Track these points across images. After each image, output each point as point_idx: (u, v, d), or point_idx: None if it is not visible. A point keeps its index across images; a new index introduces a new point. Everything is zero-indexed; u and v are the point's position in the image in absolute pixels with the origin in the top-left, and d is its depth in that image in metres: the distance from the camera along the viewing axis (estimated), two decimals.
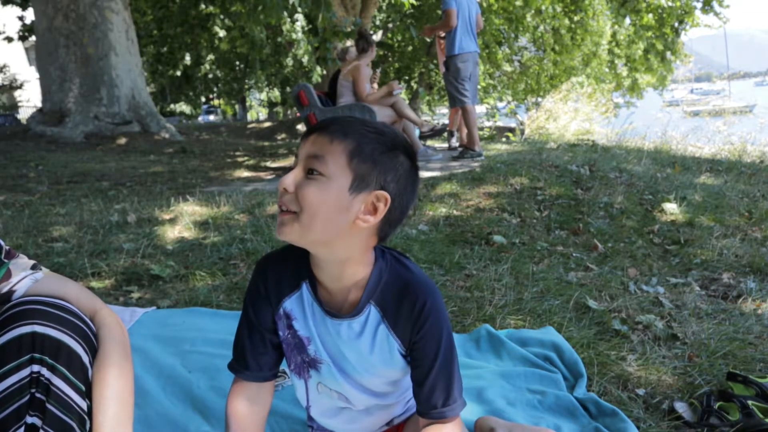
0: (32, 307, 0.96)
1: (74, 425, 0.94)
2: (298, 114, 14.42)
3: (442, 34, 5.57)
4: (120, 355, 1.03)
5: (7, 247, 1.07)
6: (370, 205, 0.91)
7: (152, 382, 1.59)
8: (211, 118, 31.21)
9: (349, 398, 1.08)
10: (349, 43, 8.73)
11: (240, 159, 7.58)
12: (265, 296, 1.03)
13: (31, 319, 0.94)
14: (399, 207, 0.93)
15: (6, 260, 1.05)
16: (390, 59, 17.02)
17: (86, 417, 0.96)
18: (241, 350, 1.06)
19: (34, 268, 1.08)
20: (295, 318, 1.04)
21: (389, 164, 0.91)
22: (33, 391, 0.92)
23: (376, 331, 1.00)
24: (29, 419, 0.91)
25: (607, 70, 15.08)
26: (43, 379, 0.92)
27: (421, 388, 1.01)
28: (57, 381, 0.93)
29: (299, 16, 10.53)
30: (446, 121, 8.78)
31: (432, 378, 0.99)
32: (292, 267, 1.03)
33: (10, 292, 1.03)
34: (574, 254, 2.76)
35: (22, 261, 1.08)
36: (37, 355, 0.92)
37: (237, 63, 18.68)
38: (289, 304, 1.04)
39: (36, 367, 0.92)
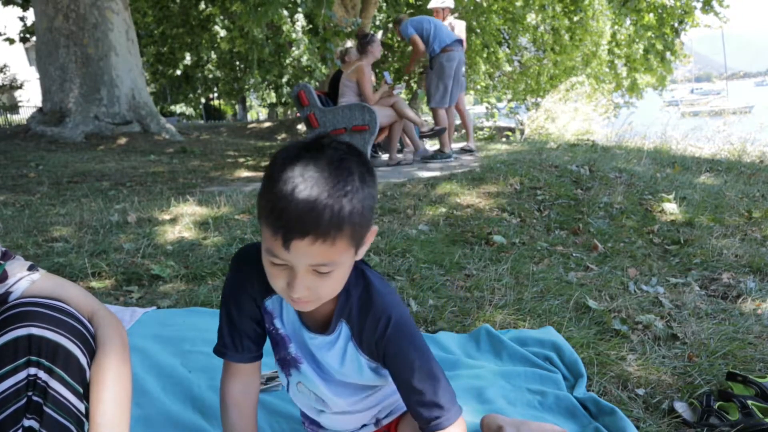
0: (29, 309, 0.95)
1: (72, 427, 0.93)
2: (298, 114, 14.40)
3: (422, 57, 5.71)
4: (118, 356, 1.02)
5: (4, 249, 1.06)
6: (366, 244, 0.94)
7: (152, 381, 1.59)
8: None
9: (325, 401, 1.11)
10: (350, 43, 8.74)
11: (240, 159, 7.58)
12: (248, 291, 1.05)
13: (27, 322, 0.93)
14: None
15: (2, 261, 1.05)
16: (390, 59, 17.01)
17: (84, 419, 0.96)
18: (223, 337, 1.10)
19: (30, 269, 1.07)
20: (276, 317, 1.07)
21: (372, 202, 0.90)
22: (30, 394, 0.91)
23: (346, 348, 1.04)
24: (26, 422, 0.90)
25: (607, 70, 15.08)
26: (40, 381, 0.92)
27: (408, 404, 1.01)
28: (54, 384, 0.93)
29: (299, 16, 10.53)
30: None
31: (416, 395, 0.99)
32: None
33: (7, 294, 1.02)
34: (574, 254, 2.76)
35: (19, 262, 1.07)
36: (33, 358, 0.92)
37: (237, 63, 18.68)
38: (270, 303, 1.07)
39: (33, 370, 0.92)
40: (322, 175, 0.83)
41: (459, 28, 5.97)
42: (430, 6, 6.30)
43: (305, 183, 0.82)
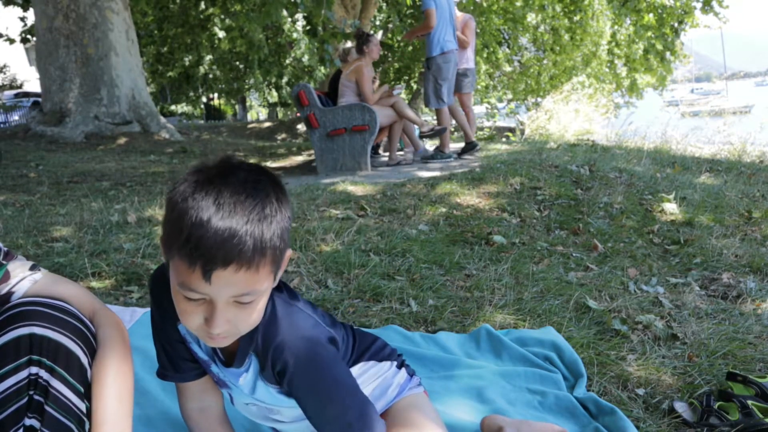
0: (31, 308, 0.95)
1: (73, 427, 0.93)
2: (298, 114, 14.42)
3: None
4: (119, 355, 1.02)
5: (6, 249, 1.07)
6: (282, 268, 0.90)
7: (153, 381, 1.59)
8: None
9: (278, 410, 1.07)
10: (350, 43, 8.74)
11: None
12: (169, 315, 0.97)
13: (29, 321, 0.93)
14: None
15: (4, 262, 1.05)
16: (390, 59, 17.02)
17: (85, 418, 0.96)
18: (161, 359, 1.07)
19: (32, 269, 1.07)
20: (191, 341, 1.04)
21: (288, 224, 0.86)
22: (31, 393, 0.91)
23: (256, 381, 1.00)
24: (27, 421, 0.90)
25: (606, 70, 15.10)
26: (41, 381, 0.92)
27: None
28: (55, 383, 0.93)
29: (299, 16, 10.54)
30: None
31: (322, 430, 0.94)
32: None
33: (9, 294, 1.03)
34: (574, 254, 2.76)
35: (21, 262, 1.07)
36: (35, 357, 0.92)
37: (237, 63, 18.71)
38: (183, 328, 1.02)
39: (34, 369, 0.92)
40: (238, 200, 0.79)
41: (461, 22, 5.91)
42: None
43: (222, 208, 0.77)
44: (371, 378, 1.15)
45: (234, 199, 0.78)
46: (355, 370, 1.12)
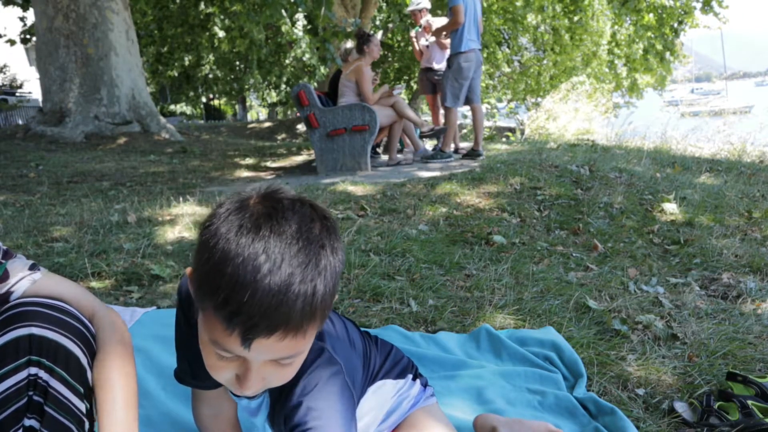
0: (30, 308, 0.95)
1: (72, 427, 0.93)
2: (298, 114, 14.41)
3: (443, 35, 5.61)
4: (122, 355, 1.02)
5: (5, 248, 1.06)
6: None
7: (153, 382, 1.59)
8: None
9: None
10: (351, 43, 8.75)
11: (240, 159, 7.58)
12: (196, 332, 0.87)
13: (28, 321, 0.93)
14: None
15: (3, 261, 1.05)
16: (390, 59, 17.02)
17: (84, 419, 0.96)
18: (181, 365, 1.04)
19: (32, 268, 1.07)
20: None
21: (342, 267, 0.76)
22: (30, 393, 0.91)
23: (266, 419, 0.97)
24: (27, 422, 0.90)
25: (606, 70, 15.11)
26: (40, 381, 0.92)
27: None
28: (55, 383, 0.93)
29: (299, 16, 10.55)
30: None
31: None
32: None
33: (8, 293, 1.02)
34: (574, 254, 2.76)
35: (20, 261, 1.07)
36: (34, 358, 0.92)
37: (237, 63, 18.71)
38: None
39: (34, 370, 0.92)
40: (289, 252, 0.67)
41: (438, 24, 5.90)
42: (407, 11, 6.29)
43: (270, 263, 0.65)
44: (388, 395, 1.13)
45: (285, 251, 0.66)
46: (372, 389, 1.09)
